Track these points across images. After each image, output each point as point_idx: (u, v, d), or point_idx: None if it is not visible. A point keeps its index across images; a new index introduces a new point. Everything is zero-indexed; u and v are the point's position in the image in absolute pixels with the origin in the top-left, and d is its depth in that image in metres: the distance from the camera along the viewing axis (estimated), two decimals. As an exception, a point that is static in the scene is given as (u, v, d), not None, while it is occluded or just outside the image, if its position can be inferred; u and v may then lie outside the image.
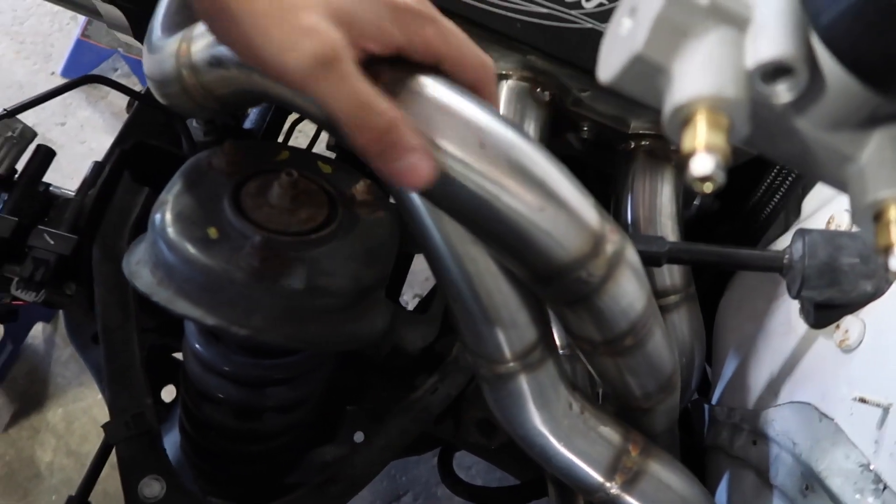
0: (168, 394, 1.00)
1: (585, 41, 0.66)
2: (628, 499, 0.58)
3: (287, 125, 1.08)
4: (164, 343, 0.93)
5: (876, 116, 0.33)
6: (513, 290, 0.52)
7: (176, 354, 0.98)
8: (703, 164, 0.29)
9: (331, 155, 0.91)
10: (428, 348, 0.84)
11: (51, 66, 2.03)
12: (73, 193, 0.85)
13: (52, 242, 0.78)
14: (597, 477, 0.58)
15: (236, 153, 0.60)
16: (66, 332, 0.99)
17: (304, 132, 1.24)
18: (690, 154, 0.30)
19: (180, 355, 0.83)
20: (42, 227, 0.79)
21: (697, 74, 0.31)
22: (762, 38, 0.31)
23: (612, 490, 0.58)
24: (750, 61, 0.31)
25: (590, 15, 0.65)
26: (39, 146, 0.88)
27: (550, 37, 0.50)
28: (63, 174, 1.42)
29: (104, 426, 0.77)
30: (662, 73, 0.33)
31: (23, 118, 0.87)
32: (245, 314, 0.54)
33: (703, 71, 0.31)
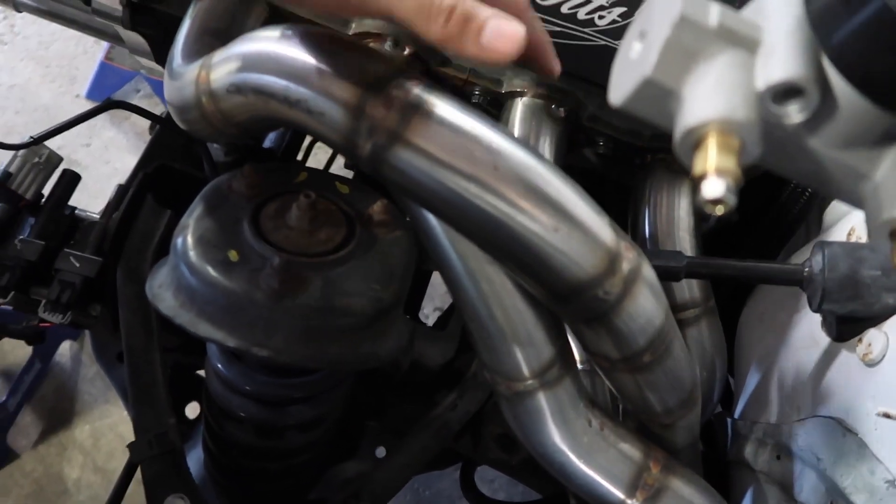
0: (192, 410, 1.01)
1: (599, 58, 0.66)
2: (650, 516, 0.58)
3: (306, 143, 1.10)
4: (187, 362, 0.94)
5: (890, 134, 0.33)
6: (529, 308, 0.52)
7: (199, 372, 0.99)
8: (714, 187, 0.29)
9: (348, 175, 0.92)
10: (447, 364, 0.84)
11: (76, 88, 2.07)
12: (98, 216, 0.86)
13: (77, 265, 0.79)
14: (618, 494, 0.57)
15: (255, 176, 0.61)
16: (92, 352, 1.00)
17: (322, 149, 1.25)
18: (702, 177, 0.30)
19: (203, 372, 0.85)
20: (68, 249, 0.81)
21: (708, 97, 0.32)
22: (772, 60, 0.31)
23: (634, 507, 0.57)
24: (760, 83, 0.31)
25: (603, 32, 0.66)
26: (65, 171, 0.90)
27: (564, 54, 0.50)
28: (89, 194, 1.45)
29: (129, 446, 0.78)
30: (673, 95, 0.33)
31: (50, 142, 0.90)
32: (265, 335, 0.55)
33: (714, 94, 0.31)
